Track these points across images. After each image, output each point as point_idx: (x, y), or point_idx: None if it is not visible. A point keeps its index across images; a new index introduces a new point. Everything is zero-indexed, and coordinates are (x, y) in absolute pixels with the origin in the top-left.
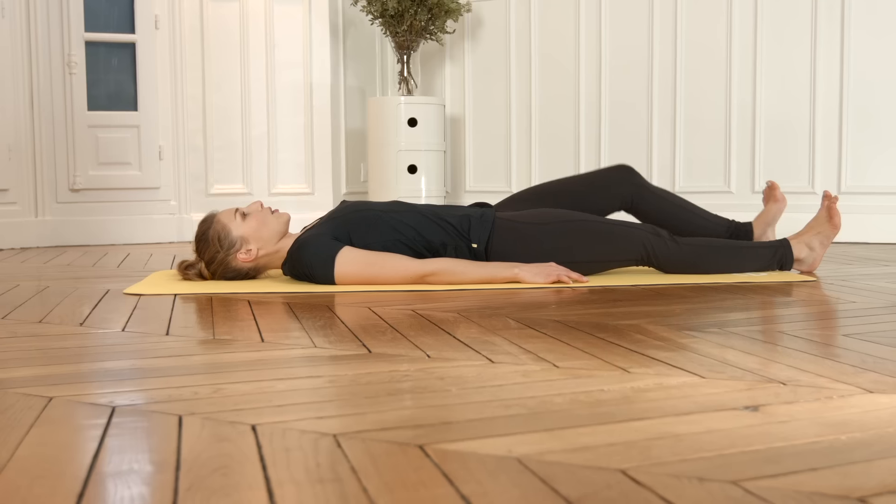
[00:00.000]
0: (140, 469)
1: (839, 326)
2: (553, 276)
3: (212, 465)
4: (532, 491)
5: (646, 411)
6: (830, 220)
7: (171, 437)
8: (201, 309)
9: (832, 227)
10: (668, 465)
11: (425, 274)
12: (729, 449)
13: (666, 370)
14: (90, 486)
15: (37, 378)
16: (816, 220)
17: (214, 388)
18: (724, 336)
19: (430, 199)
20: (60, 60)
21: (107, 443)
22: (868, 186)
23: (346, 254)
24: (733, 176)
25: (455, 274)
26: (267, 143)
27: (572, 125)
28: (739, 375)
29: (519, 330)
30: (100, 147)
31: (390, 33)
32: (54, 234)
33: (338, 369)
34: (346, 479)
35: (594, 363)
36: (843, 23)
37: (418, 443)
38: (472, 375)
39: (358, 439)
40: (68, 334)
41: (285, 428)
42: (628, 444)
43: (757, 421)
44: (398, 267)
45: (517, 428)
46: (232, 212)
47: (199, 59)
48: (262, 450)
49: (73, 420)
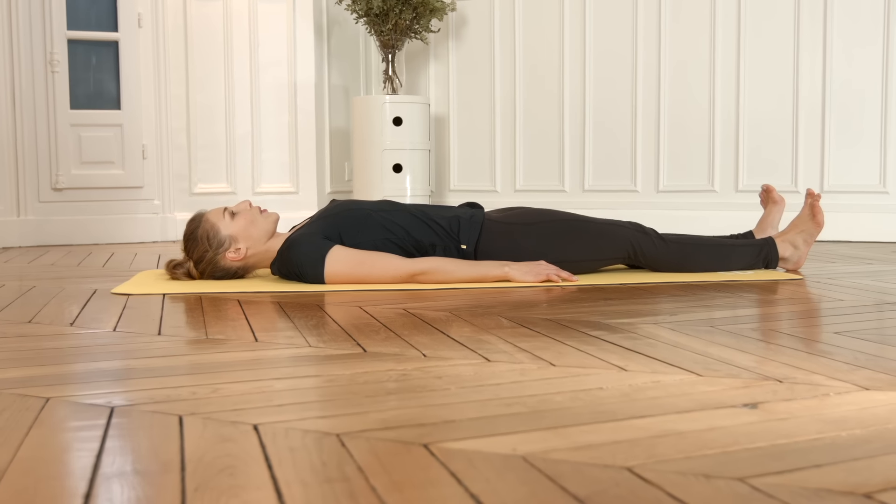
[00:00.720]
0: (145, 470)
1: (829, 324)
2: (543, 276)
3: (217, 466)
4: (540, 489)
5: (646, 409)
6: (814, 217)
7: (174, 438)
8: (191, 308)
9: (815, 224)
10: (674, 463)
11: (415, 273)
12: (733, 446)
13: (662, 368)
14: (96, 487)
15: (31, 379)
16: (800, 218)
17: (212, 387)
18: (716, 334)
19: (416, 198)
20: (42, 59)
21: (108, 443)
22: (850, 185)
23: (337, 253)
24: (717, 175)
25: (445, 273)
26: (251, 143)
27: (556, 124)
28: (735, 373)
29: (512, 329)
30: (83, 146)
31: (375, 32)
32: (36, 233)
33: (335, 369)
34: (353, 479)
35: (590, 361)
36: (825, 23)
37: (422, 441)
38: (470, 374)
39: (362, 438)
40: (59, 334)
41: (287, 427)
42: (632, 441)
43: (757, 418)
44: (388, 266)
45: (519, 426)
46: (221, 211)
47: (182, 57)
48: (266, 450)
49: (71, 421)
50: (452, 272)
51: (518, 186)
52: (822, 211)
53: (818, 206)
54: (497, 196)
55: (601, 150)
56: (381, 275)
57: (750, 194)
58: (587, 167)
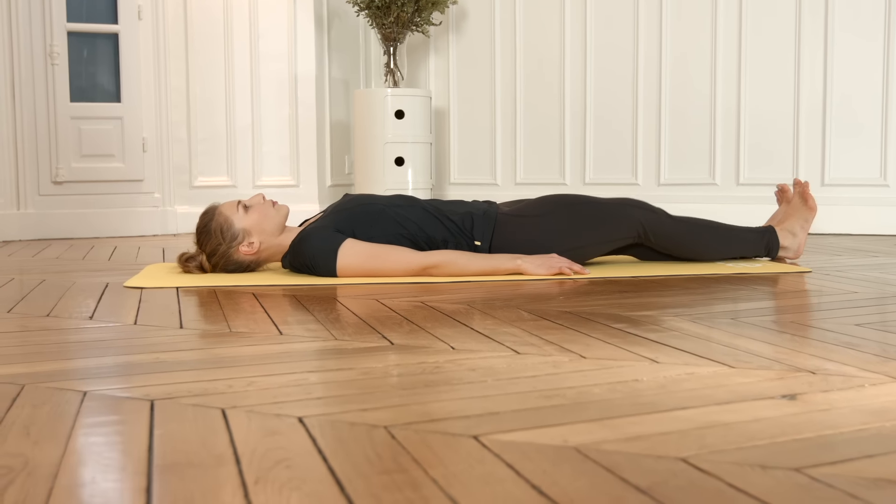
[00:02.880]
0: (200, 462)
1: (849, 316)
2: (555, 268)
3: (272, 458)
4: (600, 480)
5: (686, 400)
6: (806, 203)
7: (220, 431)
8: (207, 302)
9: (809, 209)
10: (727, 454)
11: (428, 266)
12: (780, 437)
13: (693, 360)
14: (155, 479)
15: (63, 372)
16: (792, 206)
17: (247, 381)
18: (739, 326)
19: (417, 191)
20: (42, 51)
21: (156, 436)
22: (851, 178)
23: (349, 246)
24: (718, 168)
25: (458, 266)
26: (251, 135)
27: (557, 117)
28: (767, 365)
29: (533, 321)
30: (83, 139)
31: (377, 25)
32: (37, 227)
33: (366, 361)
34: (411, 470)
35: (620, 353)
36: (826, 16)
37: (471, 433)
38: (503, 367)
39: (410, 430)
40: (81, 328)
41: (333, 420)
42: (680, 433)
43: (798, 409)
44: (401, 259)
45: (564, 418)
46: (234, 204)
47: (182, 49)
48: (316, 442)
49: (113, 414)
50: (465, 265)
51: (518, 180)
52: (812, 197)
53: (808, 192)
54: (497, 189)
55: (602, 143)
56: (393, 268)
57: (751, 187)
58: (588, 160)
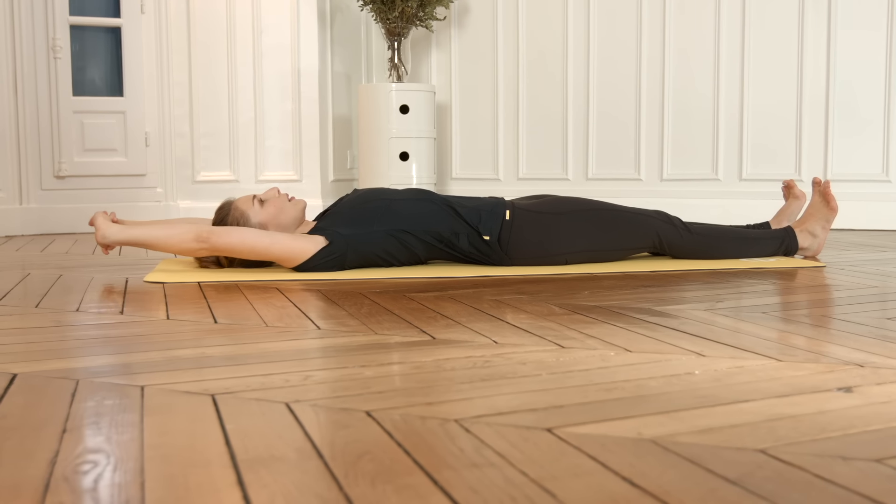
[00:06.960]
0: (283, 456)
1: (876, 310)
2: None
3: (354, 452)
4: (688, 472)
5: (745, 393)
6: (828, 204)
7: (291, 425)
8: (233, 297)
9: (830, 210)
10: (804, 445)
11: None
12: (850, 429)
13: (739, 353)
14: (244, 473)
15: (115, 367)
16: (812, 206)
17: (302, 375)
18: (771, 320)
19: (421, 185)
20: (45, 45)
21: (229, 430)
22: (853, 174)
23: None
24: (721, 163)
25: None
26: (254, 130)
27: (560, 112)
28: (813, 358)
29: (567, 315)
30: (85, 133)
31: (381, 20)
32: (39, 221)
33: (414, 355)
34: (499, 464)
35: (664, 347)
36: (829, 11)
37: (544, 426)
38: (552, 361)
39: (482, 424)
40: (116, 323)
41: (401, 413)
42: (751, 425)
43: (858, 402)
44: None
45: (630, 411)
46: (250, 198)
47: (185, 43)
48: (392, 436)
49: (178, 409)
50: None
51: (521, 175)
52: (834, 197)
53: (829, 192)
54: (500, 184)
55: (605, 138)
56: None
57: (753, 183)
58: (591, 155)
